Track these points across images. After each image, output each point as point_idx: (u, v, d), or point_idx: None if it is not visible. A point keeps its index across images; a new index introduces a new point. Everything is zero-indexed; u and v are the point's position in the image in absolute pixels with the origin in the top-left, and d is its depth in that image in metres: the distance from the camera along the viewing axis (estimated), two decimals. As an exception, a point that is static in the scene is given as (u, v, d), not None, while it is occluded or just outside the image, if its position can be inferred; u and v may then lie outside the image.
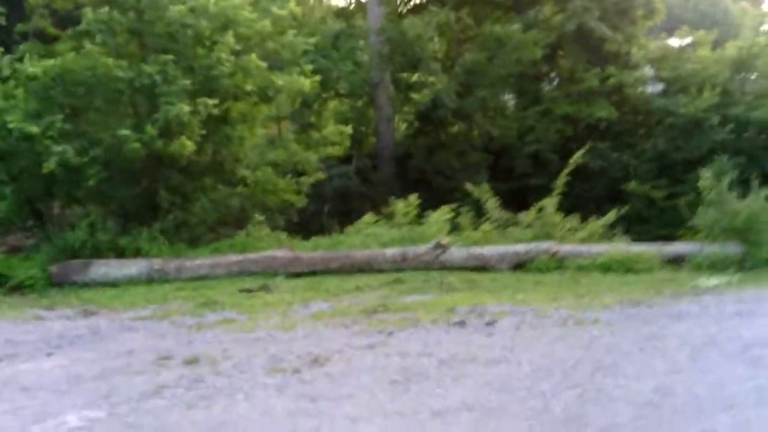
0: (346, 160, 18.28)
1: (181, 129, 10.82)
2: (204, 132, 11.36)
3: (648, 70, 18.93)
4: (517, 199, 14.21)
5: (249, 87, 11.77)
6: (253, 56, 11.67)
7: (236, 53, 11.59)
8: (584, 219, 12.20)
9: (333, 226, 14.55)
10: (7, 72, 11.32)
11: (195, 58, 11.34)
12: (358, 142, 19.16)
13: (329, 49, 18.38)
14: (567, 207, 12.46)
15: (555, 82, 20.24)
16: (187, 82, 10.75)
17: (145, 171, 11.71)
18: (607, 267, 9.67)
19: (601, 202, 15.38)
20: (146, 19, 11.35)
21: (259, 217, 12.79)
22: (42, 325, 7.26)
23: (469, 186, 12.85)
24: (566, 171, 12.42)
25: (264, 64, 11.84)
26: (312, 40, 13.87)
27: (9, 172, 11.42)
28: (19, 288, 9.93)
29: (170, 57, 10.81)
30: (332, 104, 19.90)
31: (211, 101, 10.95)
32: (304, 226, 14.87)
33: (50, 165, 10.12)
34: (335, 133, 15.35)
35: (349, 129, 15.69)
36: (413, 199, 12.66)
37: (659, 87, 19.11)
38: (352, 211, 16.10)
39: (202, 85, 11.19)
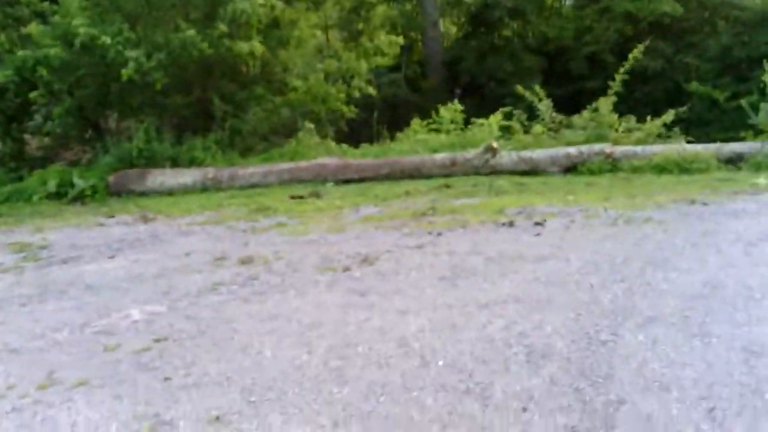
0: (395, 67, 17.98)
1: (246, 29, 10.74)
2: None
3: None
4: (572, 103, 13.80)
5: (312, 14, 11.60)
6: None
7: None
8: (642, 121, 11.82)
9: (382, 134, 14.51)
10: None
11: None
12: (407, 48, 18.77)
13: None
14: (624, 110, 12.07)
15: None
16: None
17: (198, 79, 11.78)
18: (662, 168, 9.40)
19: (660, 104, 14.81)
20: None
21: (309, 125, 12.83)
22: (103, 231, 7.57)
23: (520, 88, 12.54)
24: (623, 70, 11.93)
25: None
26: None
27: (68, 83, 11.61)
28: (80, 197, 10.33)
29: None
30: (380, 9, 19.41)
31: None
32: (354, 134, 14.85)
33: (129, 71, 10.29)
34: (385, 43, 14.99)
35: (400, 39, 15.26)
36: (458, 105, 12.45)
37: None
38: (402, 119, 15.94)
39: None
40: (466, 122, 12.76)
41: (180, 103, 11.83)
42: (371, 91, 14.44)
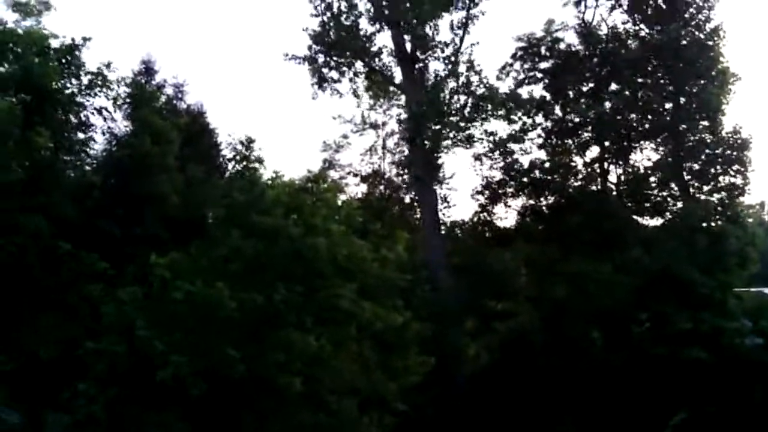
0: (425, 387, 17.62)
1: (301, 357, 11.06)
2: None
3: (746, 322, 18.16)
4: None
5: (353, 329, 12.30)
6: (368, 304, 12.36)
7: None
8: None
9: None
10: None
11: (312, 292, 12.02)
12: (437, 368, 18.59)
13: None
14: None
15: (645, 325, 19.52)
16: (309, 318, 11.50)
17: (233, 395, 11.60)
18: None
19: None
20: (276, 248, 12.29)
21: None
22: None
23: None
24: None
25: (370, 305, 12.31)
26: (408, 277, 14.31)
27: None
28: None
29: (299, 290, 11.64)
30: (414, 326, 19.65)
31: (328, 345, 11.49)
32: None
33: (166, 374, 10.51)
34: (417, 364, 14.95)
35: (431, 360, 15.23)
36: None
37: (758, 340, 18.19)
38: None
39: (314, 317, 11.71)
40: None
41: (206, 413, 11.51)
42: (400, 408, 14.11)
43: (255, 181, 14.31)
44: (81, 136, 16.65)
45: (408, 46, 21.68)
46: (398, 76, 22.46)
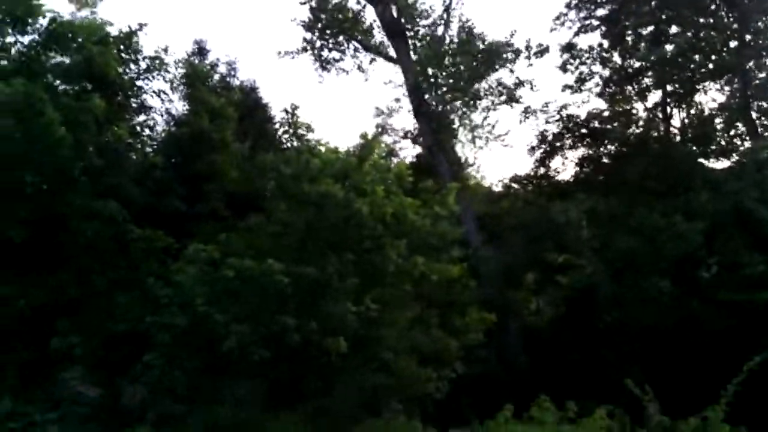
0: (486, 343, 17.72)
1: (342, 326, 11.44)
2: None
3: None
4: (679, 394, 12.91)
5: (407, 286, 12.41)
6: (419, 259, 12.50)
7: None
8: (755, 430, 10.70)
9: (471, 415, 13.91)
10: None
11: (363, 255, 12.36)
12: (500, 325, 18.64)
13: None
14: (735, 415, 11.05)
15: (714, 269, 18.92)
16: (356, 280, 11.76)
17: (295, 354, 12.06)
18: None
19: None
20: (324, 216, 12.63)
21: (396, 404, 12.55)
22: None
23: (630, 383, 11.80)
24: (737, 380, 11.10)
25: (422, 259, 12.39)
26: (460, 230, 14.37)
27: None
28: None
29: (351, 257, 11.96)
30: (472, 283, 19.69)
31: (373, 305, 11.72)
32: (441, 412, 14.27)
33: (231, 343, 11.04)
34: (478, 320, 15.04)
35: (492, 317, 15.28)
36: (548, 403, 11.73)
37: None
38: (492, 398, 15.37)
39: (365, 280, 12.04)
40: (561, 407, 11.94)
41: (276, 375, 12.03)
42: (460, 369, 14.26)
43: (301, 151, 14.54)
44: (141, 118, 17.30)
45: (396, 16, 21.38)
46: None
